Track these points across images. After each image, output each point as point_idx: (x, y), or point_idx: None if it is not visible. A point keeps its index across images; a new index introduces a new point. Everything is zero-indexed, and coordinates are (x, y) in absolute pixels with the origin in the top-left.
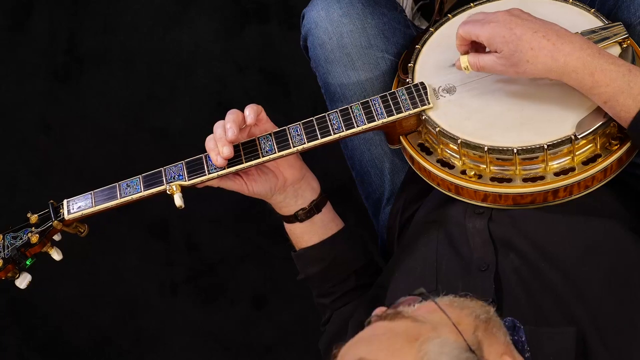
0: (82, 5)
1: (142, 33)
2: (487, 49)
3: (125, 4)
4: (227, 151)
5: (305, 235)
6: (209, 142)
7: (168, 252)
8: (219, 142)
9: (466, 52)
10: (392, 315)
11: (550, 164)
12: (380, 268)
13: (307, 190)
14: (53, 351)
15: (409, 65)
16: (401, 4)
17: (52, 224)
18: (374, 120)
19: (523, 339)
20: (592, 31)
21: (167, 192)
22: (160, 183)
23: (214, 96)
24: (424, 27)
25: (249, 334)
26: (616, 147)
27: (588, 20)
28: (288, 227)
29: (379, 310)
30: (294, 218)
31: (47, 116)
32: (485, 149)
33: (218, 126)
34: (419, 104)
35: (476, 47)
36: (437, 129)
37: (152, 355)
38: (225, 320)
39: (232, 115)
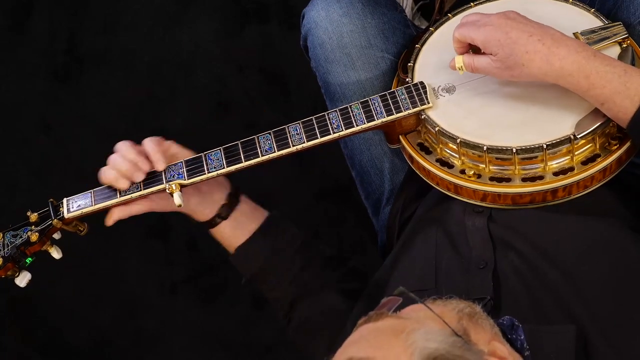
0: (82, 5)
1: (142, 33)
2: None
3: (125, 4)
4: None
5: (237, 230)
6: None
7: (168, 252)
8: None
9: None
10: (375, 316)
11: (549, 163)
12: (314, 240)
13: (213, 187)
14: (53, 351)
15: (409, 64)
16: (401, 4)
17: (51, 223)
18: (374, 120)
19: (522, 337)
20: (592, 31)
21: (167, 190)
22: (160, 182)
23: (214, 96)
24: (424, 27)
25: (249, 334)
26: (615, 147)
27: (588, 20)
28: (216, 232)
29: (363, 318)
30: (218, 217)
31: (47, 116)
32: (485, 148)
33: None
34: (418, 103)
35: (474, 49)
36: (437, 129)
37: (152, 355)
38: (225, 320)
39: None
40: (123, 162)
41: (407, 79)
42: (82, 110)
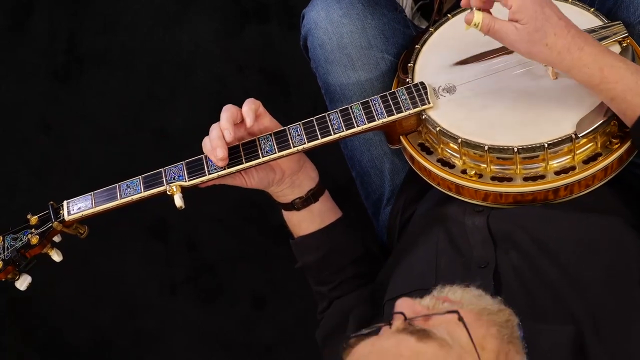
0: (82, 5)
1: (142, 33)
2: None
3: (125, 4)
4: (221, 153)
5: (303, 223)
6: (206, 144)
7: (168, 252)
8: (213, 144)
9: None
10: (420, 334)
11: (550, 162)
12: (378, 257)
13: (305, 180)
14: (53, 351)
15: (409, 65)
16: (401, 4)
17: (52, 225)
18: (374, 120)
19: (521, 335)
20: (592, 30)
21: (167, 192)
22: (161, 184)
23: (214, 96)
24: (423, 27)
25: (249, 334)
26: (617, 145)
27: (588, 19)
28: (286, 214)
29: (406, 305)
30: (291, 206)
31: (47, 116)
32: (486, 148)
33: (213, 128)
34: (419, 103)
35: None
36: (438, 129)
37: (152, 355)
38: (225, 320)
39: (226, 113)
40: (213, 131)
41: (407, 80)
42: (82, 110)
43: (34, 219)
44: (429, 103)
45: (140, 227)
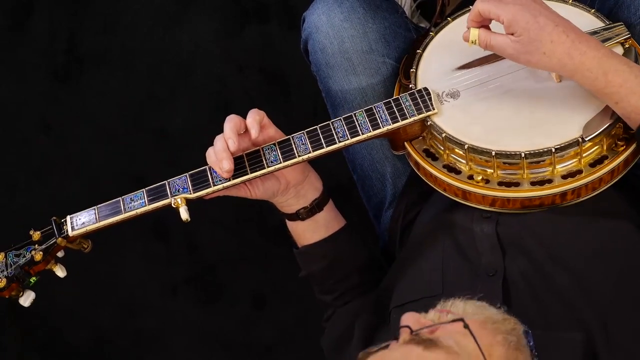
0: (82, 5)
1: (142, 33)
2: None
3: (125, 4)
4: (227, 165)
5: (307, 232)
6: (210, 156)
7: (169, 253)
8: (218, 156)
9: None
10: (427, 343)
11: (557, 167)
12: (382, 265)
13: (309, 190)
14: (53, 351)
15: (411, 70)
16: (399, 3)
17: (55, 241)
18: (379, 127)
19: (531, 343)
20: (594, 32)
21: (173, 205)
22: (165, 196)
23: (214, 96)
24: (422, 25)
25: (249, 334)
26: (622, 148)
27: (588, 20)
28: (290, 224)
29: (412, 319)
30: (296, 216)
31: (47, 116)
32: (493, 153)
33: (218, 139)
34: (423, 109)
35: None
36: (443, 135)
37: (152, 355)
38: (225, 320)
39: (230, 123)
40: (217, 143)
41: (410, 85)
42: (82, 110)
43: (36, 235)
44: (434, 109)
45: (141, 228)
